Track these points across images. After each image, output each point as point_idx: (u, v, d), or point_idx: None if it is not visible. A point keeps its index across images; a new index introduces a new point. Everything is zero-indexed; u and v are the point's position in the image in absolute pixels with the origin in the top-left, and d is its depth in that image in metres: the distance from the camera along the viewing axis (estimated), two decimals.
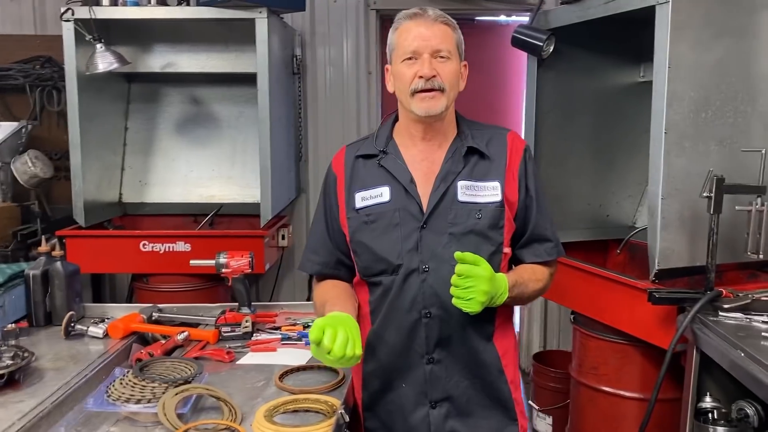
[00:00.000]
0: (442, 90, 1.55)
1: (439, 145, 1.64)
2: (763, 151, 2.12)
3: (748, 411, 1.92)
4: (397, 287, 1.59)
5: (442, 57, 1.55)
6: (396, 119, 1.70)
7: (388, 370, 1.63)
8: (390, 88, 1.65)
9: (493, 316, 1.61)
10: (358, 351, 1.41)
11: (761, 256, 2.11)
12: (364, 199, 1.62)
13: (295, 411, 1.56)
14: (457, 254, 1.44)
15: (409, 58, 1.56)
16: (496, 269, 1.57)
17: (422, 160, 1.63)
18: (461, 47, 1.61)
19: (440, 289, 1.56)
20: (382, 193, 1.61)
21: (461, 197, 1.58)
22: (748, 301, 2.05)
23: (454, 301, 1.46)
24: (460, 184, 1.59)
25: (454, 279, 1.45)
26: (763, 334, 1.89)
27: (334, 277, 1.73)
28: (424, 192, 1.60)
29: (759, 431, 1.86)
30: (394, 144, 1.66)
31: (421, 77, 1.53)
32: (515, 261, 1.71)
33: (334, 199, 1.69)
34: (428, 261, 1.57)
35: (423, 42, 1.54)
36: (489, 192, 1.59)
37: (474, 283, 1.43)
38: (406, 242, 1.58)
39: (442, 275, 1.55)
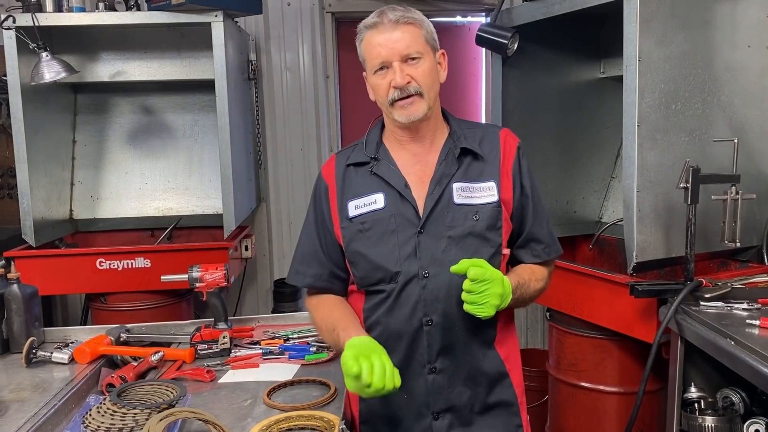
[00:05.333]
0: (419, 94, 1.50)
1: (431, 145, 1.59)
2: (735, 140, 2.15)
3: (733, 399, 1.94)
4: (395, 295, 1.52)
5: (413, 59, 1.49)
6: (384, 124, 1.65)
7: None
8: (371, 97, 1.59)
9: (495, 320, 1.55)
10: (398, 381, 1.35)
11: (738, 244, 2.13)
12: (357, 207, 1.56)
13: (289, 430, 1.48)
14: (459, 265, 1.40)
15: (381, 69, 1.51)
16: None
17: (415, 163, 1.58)
18: (432, 39, 1.55)
19: (442, 295, 1.50)
20: (376, 200, 1.55)
21: (457, 199, 1.53)
22: (728, 289, 2.07)
23: (466, 307, 1.41)
24: (456, 186, 1.54)
25: (467, 284, 1.39)
26: (747, 321, 1.90)
27: (327, 290, 1.65)
28: (419, 196, 1.54)
29: (745, 418, 1.88)
30: (385, 149, 1.61)
31: (395, 87, 1.49)
32: (512, 261, 1.66)
33: (327, 209, 1.61)
34: (428, 266, 1.51)
35: (389, 50, 1.48)
36: (485, 193, 1.55)
37: (488, 286, 1.39)
38: (404, 248, 1.52)
39: (442, 280, 1.50)
